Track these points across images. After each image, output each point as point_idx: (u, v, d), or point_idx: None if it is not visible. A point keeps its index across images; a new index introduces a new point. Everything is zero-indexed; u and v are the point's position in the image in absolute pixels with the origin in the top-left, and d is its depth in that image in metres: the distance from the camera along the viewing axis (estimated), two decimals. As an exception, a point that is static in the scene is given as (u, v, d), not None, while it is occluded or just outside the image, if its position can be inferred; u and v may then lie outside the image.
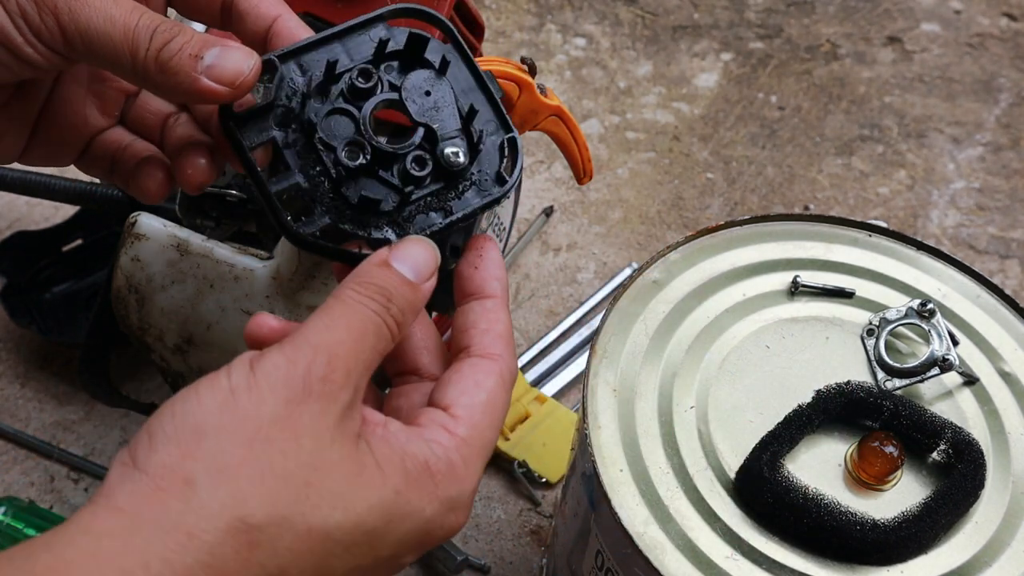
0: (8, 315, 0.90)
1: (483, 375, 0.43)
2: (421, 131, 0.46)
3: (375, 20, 0.47)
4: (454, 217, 0.46)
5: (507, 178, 0.47)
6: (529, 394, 0.88)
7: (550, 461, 0.85)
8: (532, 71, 0.76)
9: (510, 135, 0.47)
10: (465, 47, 0.48)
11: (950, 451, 0.55)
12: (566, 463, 0.71)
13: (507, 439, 0.85)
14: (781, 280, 0.63)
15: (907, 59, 1.23)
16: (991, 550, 0.54)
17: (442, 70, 0.47)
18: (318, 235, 0.45)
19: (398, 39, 0.47)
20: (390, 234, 0.45)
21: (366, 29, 0.47)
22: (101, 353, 0.77)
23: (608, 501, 0.54)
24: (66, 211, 0.98)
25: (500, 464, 0.86)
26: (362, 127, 0.45)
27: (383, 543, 0.36)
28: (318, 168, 0.44)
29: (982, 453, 0.55)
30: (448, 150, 0.45)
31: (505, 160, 0.47)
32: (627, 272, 1.00)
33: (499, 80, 0.52)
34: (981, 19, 1.28)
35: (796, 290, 0.63)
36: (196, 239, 0.67)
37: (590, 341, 0.71)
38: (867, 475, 0.55)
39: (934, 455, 0.56)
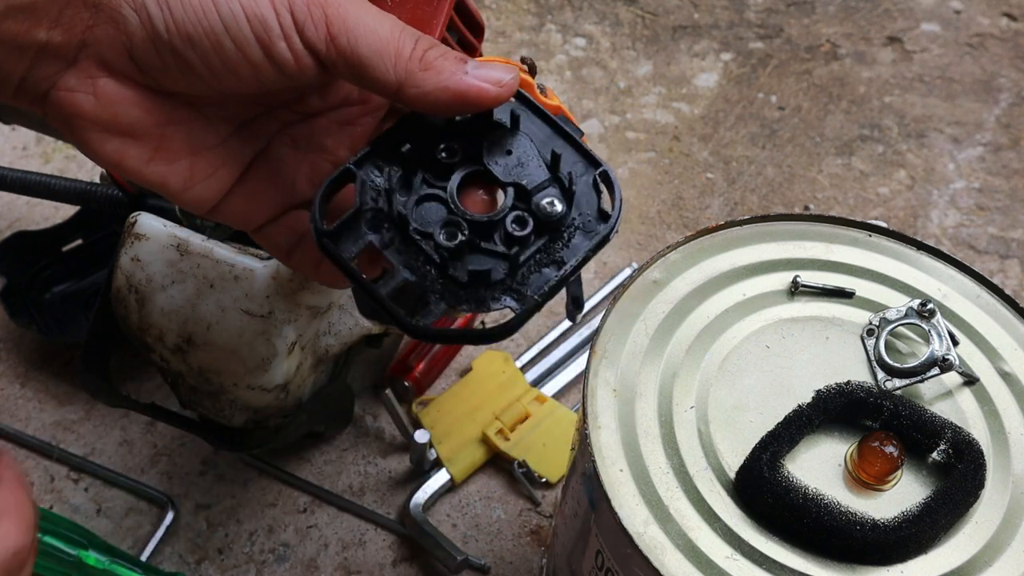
0: (8, 315, 0.90)
1: None
2: (511, 191, 0.45)
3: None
4: (568, 267, 0.44)
5: (609, 212, 0.45)
6: (529, 394, 0.88)
7: (550, 461, 0.85)
8: (532, 71, 0.76)
9: (601, 169, 0.45)
10: (530, 98, 0.46)
11: (950, 451, 0.55)
12: (566, 463, 0.71)
13: (507, 439, 0.85)
14: (781, 280, 0.63)
15: (907, 59, 1.23)
16: (991, 550, 0.54)
17: (515, 126, 0.46)
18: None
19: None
20: (509, 302, 0.44)
21: (430, 116, 0.46)
22: (101, 353, 0.77)
23: (608, 501, 0.54)
24: (66, 211, 0.98)
25: (500, 464, 0.86)
26: (452, 205, 0.44)
27: None
28: (421, 258, 0.44)
29: (982, 453, 0.55)
30: (543, 202, 0.44)
31: (603, 195, 0.45)
32: (627, 272, 1.00)
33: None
34: (981, 19, 1.28)
35: (796, 290, 0.63)
36: (196, 239, 0.67)
37: (590, 341, 0.70)
38: (867, 475, 0.55)
39: (934, 455, 0.56)
